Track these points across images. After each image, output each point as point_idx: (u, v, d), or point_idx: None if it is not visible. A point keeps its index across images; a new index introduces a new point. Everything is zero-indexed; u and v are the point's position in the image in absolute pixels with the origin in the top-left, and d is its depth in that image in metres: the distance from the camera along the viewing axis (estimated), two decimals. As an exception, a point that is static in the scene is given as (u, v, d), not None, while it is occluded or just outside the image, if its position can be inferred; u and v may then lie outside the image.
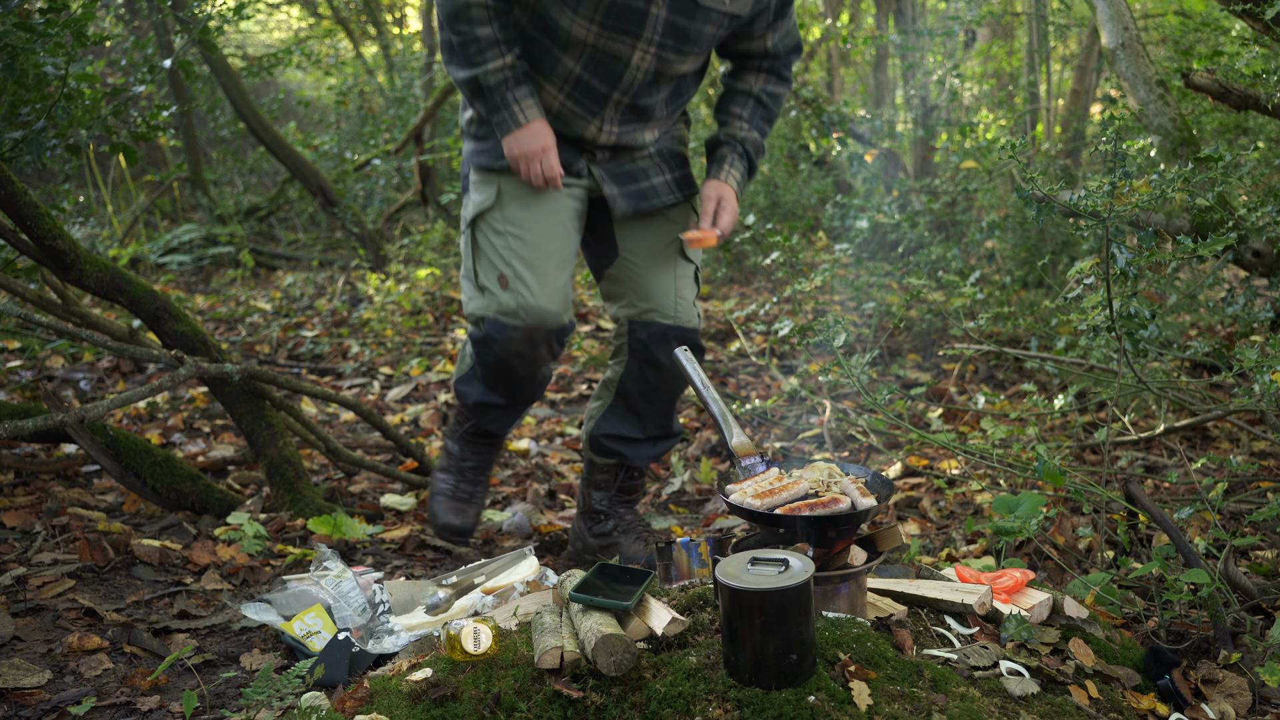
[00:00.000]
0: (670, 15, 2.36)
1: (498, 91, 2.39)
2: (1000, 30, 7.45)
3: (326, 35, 11.56)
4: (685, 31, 2.39)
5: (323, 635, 2.18)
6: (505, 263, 2.49)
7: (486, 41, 2.36)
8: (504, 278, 2.48)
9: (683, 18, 2.37)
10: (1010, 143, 2.39)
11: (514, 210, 2.51)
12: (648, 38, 2.37)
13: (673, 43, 2.40)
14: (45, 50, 2.87)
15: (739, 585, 1.55)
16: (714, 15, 2.41)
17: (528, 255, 2.49)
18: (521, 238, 2.49)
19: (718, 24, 2.43)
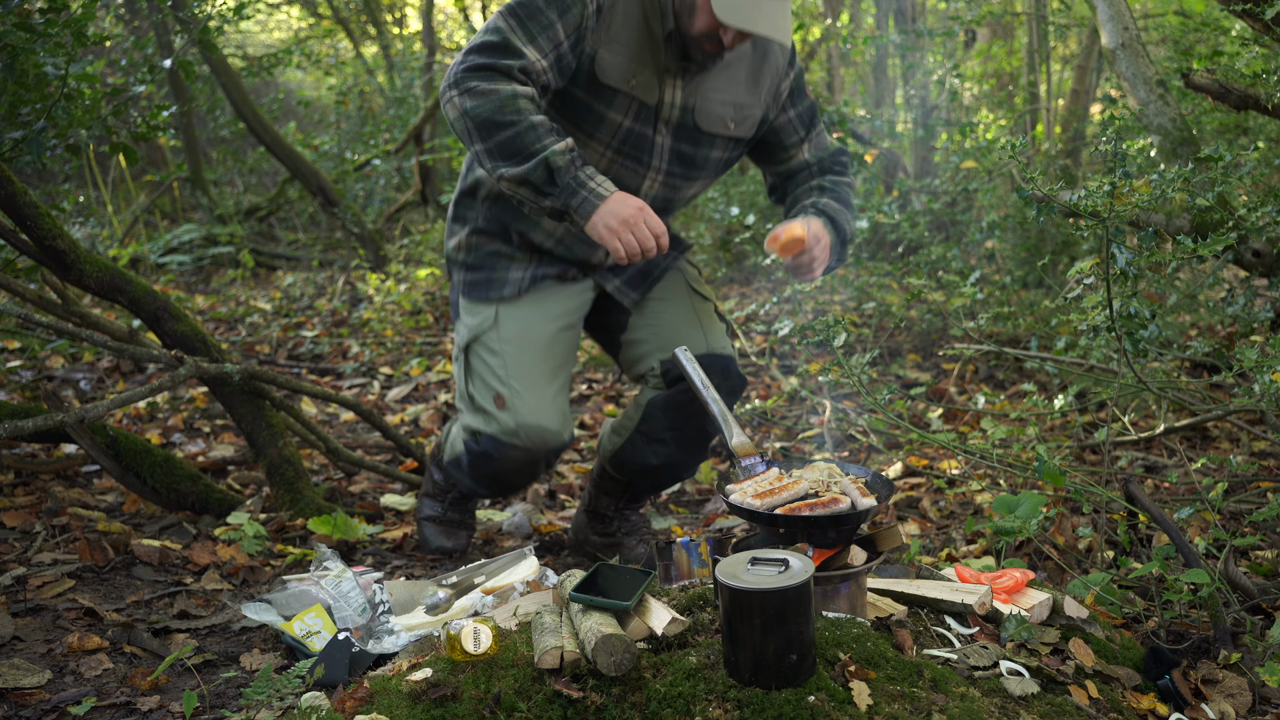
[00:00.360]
0: (675, 143, 2.37)
1: (568, 171, 2.12)
2: (1000, 30, 7.44)
3: (326, 35, 11.56)
4: (691, 158, 2.41)
5: (323, 635, 2.18)
6: (502, 382, 2.45)
7: (544, 127, 2.13)
8: (500, 398, 2.44)
9: (687, 144, 2.38)
10: (1010, 143, 2.39)
11: (510, 329, 2.48)
12: (656, 166, 2.39)
13: (680, 169, 2.42)
14: (45, 50, 2.86)
15: (739, 585, 1.55)
16: (719, 140, 2.42)
17: (526, 373, 2.45)
18: (519, 356, 2.45)
19: (724, 148, 2.44)
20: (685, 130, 2.37)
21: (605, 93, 2.29)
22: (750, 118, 2.44)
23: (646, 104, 2.31)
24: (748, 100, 2.41)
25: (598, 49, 2.26)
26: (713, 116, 2.37)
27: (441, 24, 11.69)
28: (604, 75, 2.27)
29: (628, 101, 2.30)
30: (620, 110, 2.31)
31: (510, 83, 2.15)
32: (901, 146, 6.90)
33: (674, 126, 2.36)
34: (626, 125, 2.33)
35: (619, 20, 2.26)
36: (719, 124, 2.39)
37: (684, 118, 2.35)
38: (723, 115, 2.38)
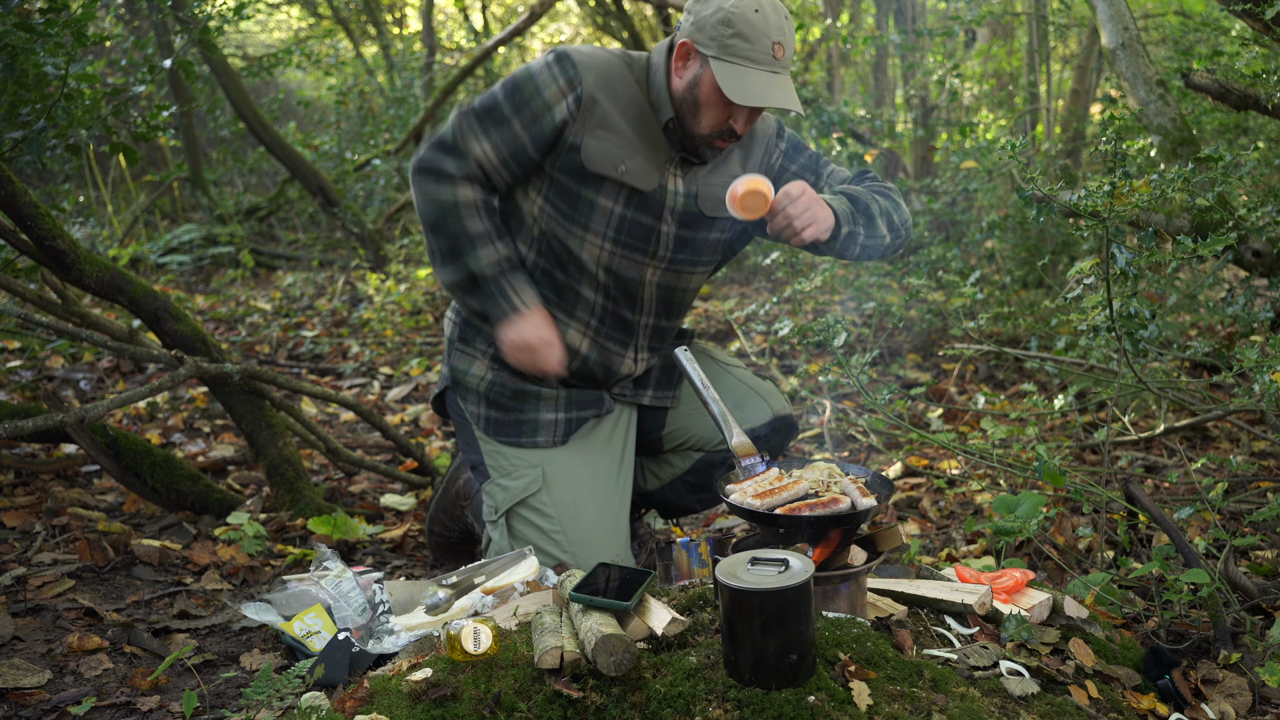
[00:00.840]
0: (680, 230, 2.33)
1: (494, 281, 2.26)
2: (1000, 30, 7.44)
3: (326, 35, 11.56)
4: (692, 242, 2.36)
5: (323, 635, 2.18)
6: (563, 549, 2.33)
7: (479, 236, 2.25)
8: (561, 567, 2.33)
9: (692, 230, 2.34)
10: (1010, 143, 2.39)
11: (562, 490, 2.34)
12: (661, 255, 2.34)
13: (684, 255, 2.36)
14: (45, 50, 2.86)
15: (739, 585, 1.55)
16: (719, 222, 2.37)
17: (588, 534, 2.33)
18: (577, 518, 2.33)
19: (723, 229, 2.39)
20: (690, 217, 2.33)
21: (593, 180, 2.25)
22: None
23: (640, 191, 2.26)
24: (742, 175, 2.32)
25: (583, 137, 2.23)
26: (715, 200, 2.33)
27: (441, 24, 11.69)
28: (590, 163, 2.23)
29: (617, 189, 2.25)
30: (610, 197, 2.26)
31: (454, 188, 2.26)
32: (901, 146, 6.90)
33: (680, 215, 2.32)
34: (619, 212, 2.28)
35: (610, 108, 2.23)
36: (721, 207, 2.32)
37: (689, 205, 2.32)
38: (722, 197, 2.30)
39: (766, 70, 2.10)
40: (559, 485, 2.35)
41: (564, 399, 2.42)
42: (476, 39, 9.96)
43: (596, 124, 2.23)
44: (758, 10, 2.08)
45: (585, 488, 2.37)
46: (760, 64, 2.09)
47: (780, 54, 2.11)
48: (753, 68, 2.09)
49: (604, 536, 2.35)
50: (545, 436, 2.39)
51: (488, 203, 2.30)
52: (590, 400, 2.44)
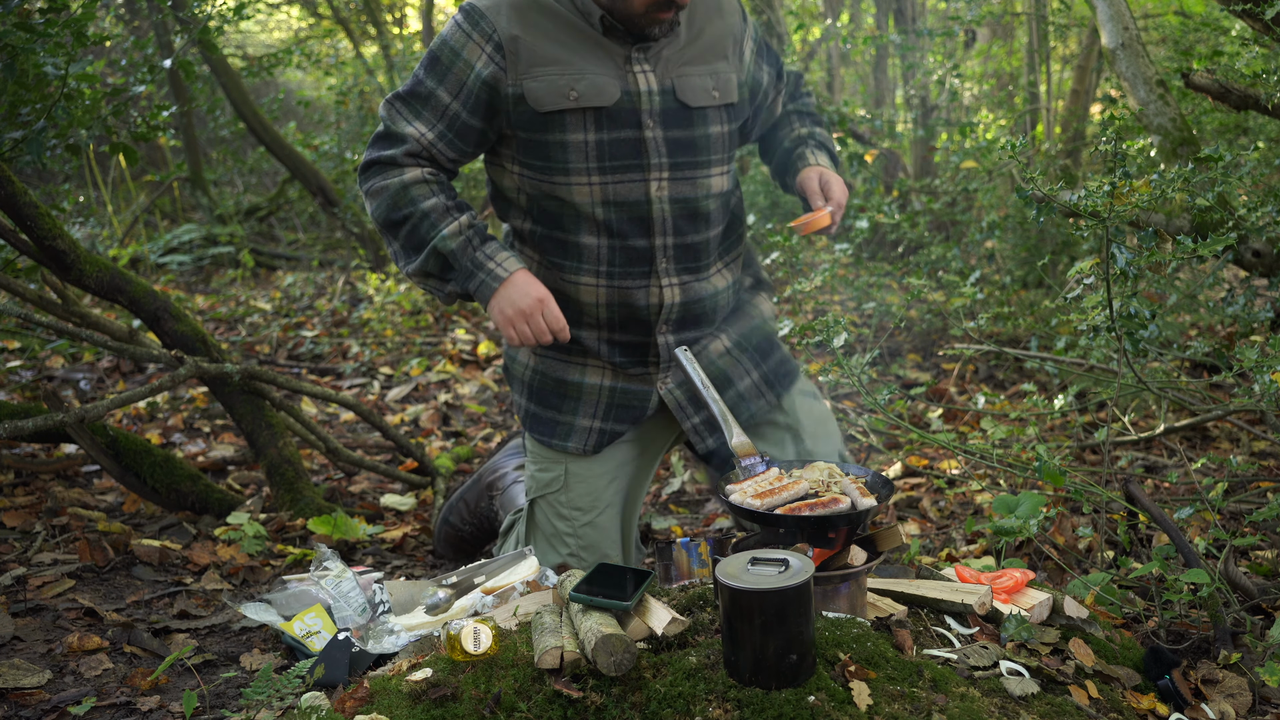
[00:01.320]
0: (668, 132, 2.18)
1: (464, 254, 2.15)
2: (1000, 30, 7.44)
3: (326, 35, 11.55)
4: (690, 142, 2.20)
5: (323, 635, 2.18)
6: (572, 553, 2.35)
7: (435, 210, 2.15)
8: (565, 567, 2.35)
9: (680, 129, 2.19)
10: (1010, 143, 2.39)
11: (579, 494, 2.34)
12: (655, 164, 2.17)
13: (685, 158, 2.20)
14: (45, 50, 2.86)
15: (739, 585, 1.55)
16: (710, 113, 2.22)
17: (597, 542, 2.34)
18: (591, 524, 2.34)
19: (719, 120, 2.24)
20: (673, 114, 2.17)
21: (553, 120, 2.12)
22: (730, 82, 2.26)
23: (604, 108, 2.13)
24: (719, 65, 2.25)
25: (522, 83, 2.12)
26: (696, 90, 2.19)
27: (441, 24, 11.69)
28: (540, 104, 2.11)
29: (580, 117, 2.12)
30: (578, 129, 2.13)
31: (399, 172, 2.16)
32: (901, 146, 6.90)
33: (660, 115, 2.16)
34: (593, 139, 2.14)
35: (536, 40, 2.11)
36: (703, 95, 2.20)
37: (666, 101, 2.17)
38: (704, 85, 2.21)
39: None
40: (578, 489, 2.34)
41: (605, 401, 2.32)
42: (476, 39, 9.94)
43: (528, 63, 2.11)
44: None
45: (603, 499, 2.36)
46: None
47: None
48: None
49: (610, 546, 2.36)
50: (576, 443, 2.34)
51: (438, 179, 2.19)
52: (634, 404, 2.33)
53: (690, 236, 2.25)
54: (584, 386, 2.33)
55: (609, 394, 2.33)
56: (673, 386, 2.32)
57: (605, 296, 2.25)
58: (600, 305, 2.26)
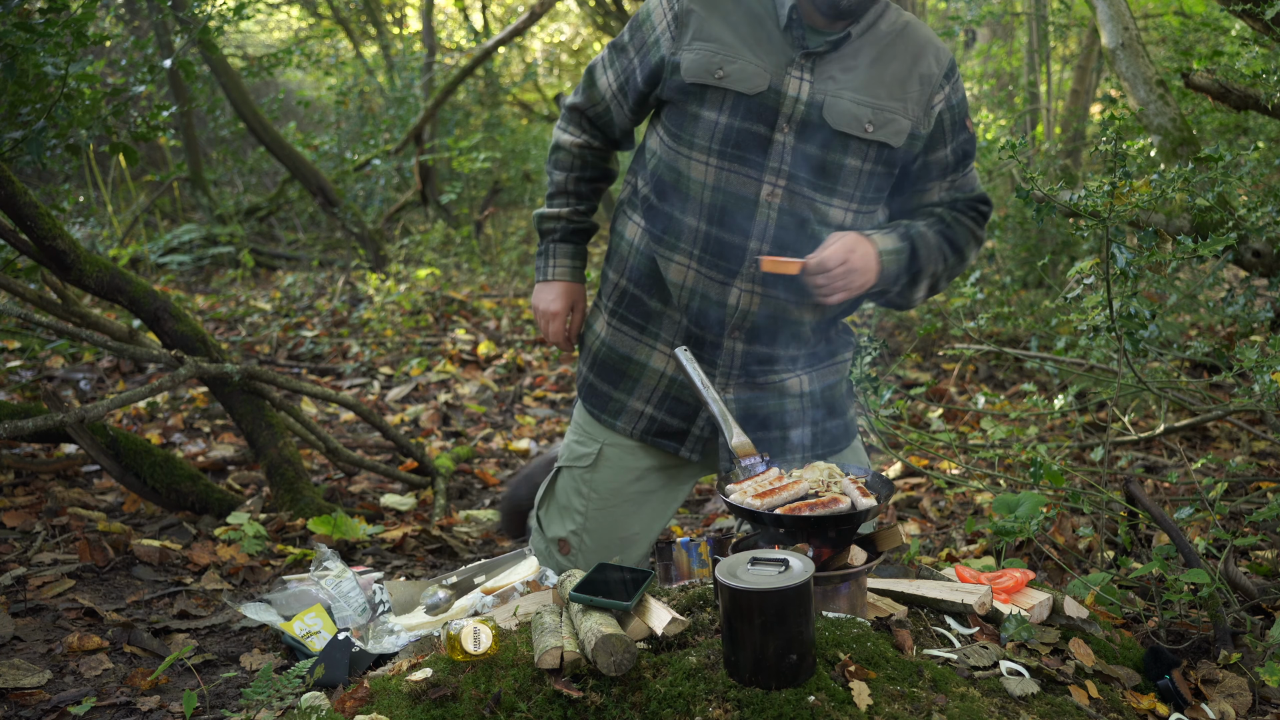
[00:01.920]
0: (799, 143, 2.10)
1: (547, 238, 2.44)
2: (1000, 30, 7.44)
3: (326, 35, 11.55)
4: (821, 164, 2.11)
5: (323, 635, 2.18)
6: (577, 530, 2.35)
7: (558, 187, 2.40)
8: (565, 543, 2.35)
9: (815, 146, 2.10)
10: (1010, 143, 2.39)
11: (605, 478, 2.34)
12: (774, 168, 2.11)
13: (807, 176, 2.11)
14: (45, 50, 2.86)
15: (739, 585, 1.55)
16: (853, 144, 2.11)
17: (601, 531, 2.33)
18: (603, 510, 2.34)
19: (861, 156, 2.12)
20: (811, 128, 2.09)
21: (694, 93, 2.13)
22: (893, 123, 2.11)
23: (747, 95, 2.09)
24: (890, 104, 2.12)
25: (680, 54, 2.13)
26: (845, 114, 2.09)
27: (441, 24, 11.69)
28: (687, 74, 2.12)
29: (721, 97, 2.10)
30: (714, 107, 2.11)
31: (564, 131, 2.40)
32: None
33: (798, 124, 2.09)
34: (724, 122, 2.11)
35: (712, 16, 2.13)
36: (853, 123, 2.09)
37: (809, 114, 2.09)
38: (858, 114, 2.09)
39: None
40: (604, 473, 2.34)
41: (662, 390, 2.29)
42: (476, 39, 9.95)
43: (693, 36, 2.13)
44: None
45: (624, 494, 2.34)
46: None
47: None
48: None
49: (611, 540, 2.34)
50: (625, 424, 2.32)
51: (584, 152, 2.38)
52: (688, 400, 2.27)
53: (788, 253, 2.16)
54: (646, 369, 2.31)
55: (668, 383, 2.30)
56: (730, 397, 2.26)
57: (691, 280, 2.20)
58: (684, 288, 2.22)
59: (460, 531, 3.10)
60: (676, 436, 2.29)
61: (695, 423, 2.28)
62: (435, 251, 7.22)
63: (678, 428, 2.29)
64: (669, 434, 2.30)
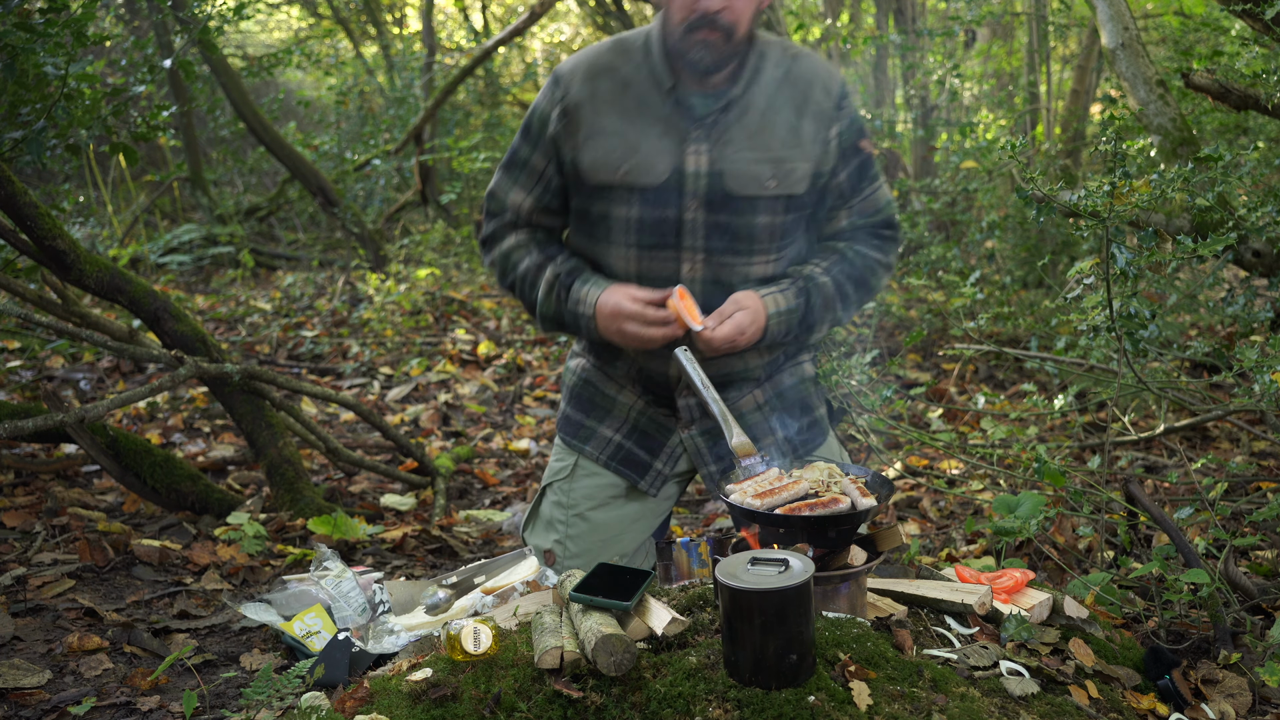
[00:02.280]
0: (709, 216, 2.11)
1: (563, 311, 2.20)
2: (1000, 30, 7.44)
3: (326, 35, 11.55)
4: (733, 230, 2.13)
5: (323, 635, 2.18)
6: (559, 540, 2.34)
7: (530, 273, 2.23)
8: (551, 554, 2.35)
9: (724, 215, 2.11)
10: (1010, 143, 2.39)
11: (583, 488, 2.34)
12: (690, 246, 2.13)
13: (723, 243, 2.13)
14: (45, 50, 2.86)
15: (739, 585, 1.55)
16: (760, 203, 2.12)
17: (582, 537, 2.32)
18: (583, 519, 2.33)
19: (771, 211, 2.13)
20: (717, 199, 2.10)
21: (600, 193, 2.14)
22: (795, 172, 2.13)
23: (651, 188, 2.10)
24: (787, 153, 2.12)
25: (578, 152, 2.14)
26: (746, 177, 2.10)
27: (441, 24, 11.69)
28: (590, 175, 2.13)
29: (627, 194, 2.12)
30: (622, 203, 2.13)
31: (501, 241, 2.28)
32: (901, 146, 6.90)
33: (704, 198, 2.11)
34: (637, 216, 2.12)
35: (601, 107, 2.12)
36: (754, 184, 2.10)
37: (712, 185, 2.10)
38: (757, 174, 2.10)
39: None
40: (582, 482, 2.36)
41: (632, 421, 2.34)
42: (476, 39, 9.95)
43: (587, 133, 2.13)
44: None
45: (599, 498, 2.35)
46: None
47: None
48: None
49: (595, 546, 2.34)
50: (593, 448, 2.36)
51: (533, 237, 2.27)
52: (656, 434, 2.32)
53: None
54: (617, 402, 2.36)
55: (637, 415, 2.35)
56: (695, 434, 2.30)
57: (633, 351, 2.26)
58: (629, 356, 2.29)
59: (460, 531, 3.10)
60: (639, 468, 2.34)
61: (658, 458, 2.33)
62: (435, 251, 7.22)
63: (642, 459, 2.34)
64: (632, 464, 2.34)
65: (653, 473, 2.34)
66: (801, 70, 2.17)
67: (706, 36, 2.03)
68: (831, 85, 2.17)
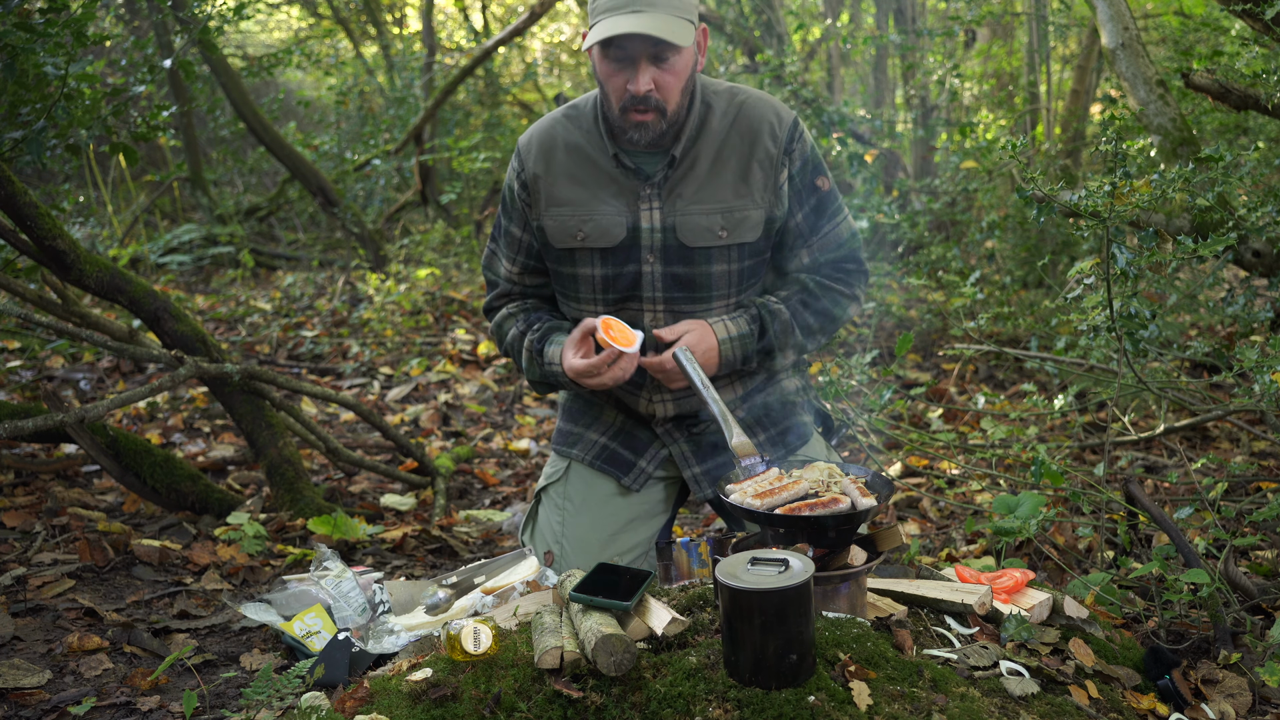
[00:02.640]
0: (666, 267, 2.20)
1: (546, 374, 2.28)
2: (1000, 30, 7.44)
3: (326, 35, 11.55)
4: (689, 279, 2.21)
5: (323, 635, 2.18)
6: (555, 540, 2.39)
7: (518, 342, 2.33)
8: (550, 555, 2.38)
9: (681, 265, 2.20)
10: (1010, 143, 2.39)
11: (577, 488, 2.40)
12: (650, 297, 2.23)
13: (681, 293, 2.22)
14: (45, 50, 2.86)
15: (739, 585, 1.55)
16: (714, 252, 2.19)
17: (580, 539, 2.36)
18: (578, 515, 2.37)
19: (725, 259, 2.20)
20: (673, 251, 2.19)
21: (564, 256, 2.25)
22: (746, 220, 2.19)
23: (609, 249, 2.20)
24: (737, 203, 2.18)
25: (541, 220, 2.26)
26: (697, 230, 2.17)
27: (441, 24, 11.69)
28: (554, 240, 2.25)
29: (589, 255, 2.23)
30: (586, 264, 2.24)
31: (497, 312, 2.43)
32: (901, 146, 6.90)
33: (660, 251, 2.20)
34: (600, 274, 2.23)
35: (557, 175, 2.23)
36: (706, 236, 2.18)
37: (666, 239, 2.19)
38: (709, 225, 2.17)
39: (626, 12, 2.02)
40: (576, 483, 2.40)
41: (618, 426, 2.42)
42: (476, 39, 9.95)
43: (547, 201, 2.25)
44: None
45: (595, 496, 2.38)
46: (618, 9, 2.02)
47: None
48: (611, 15, 2.03)
49: (598, 546, 2.35)
50: (580, 450, 2.42)
51: (522, 306, 2.40)
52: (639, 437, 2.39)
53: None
54: (605, 410, 2.45)
55: (622, 421, 2.44)
56: (681, 442, 2.38)
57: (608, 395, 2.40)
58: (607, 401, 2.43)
59: (460, 531, 3.10)
60: (623, 466, 2.39)
61: (642, 456, 2.39)
62: (435, 251, 7.22)
63: (625, 458, 2.39)
64: (617, 462, 2.40)
65: (636, 470, 2.39)
66: (749, 117, 2.22)
67: (640, 118, 2.12)
68: (779, 130, 2.21)
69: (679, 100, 2.14)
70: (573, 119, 2.28)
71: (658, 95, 2.10)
